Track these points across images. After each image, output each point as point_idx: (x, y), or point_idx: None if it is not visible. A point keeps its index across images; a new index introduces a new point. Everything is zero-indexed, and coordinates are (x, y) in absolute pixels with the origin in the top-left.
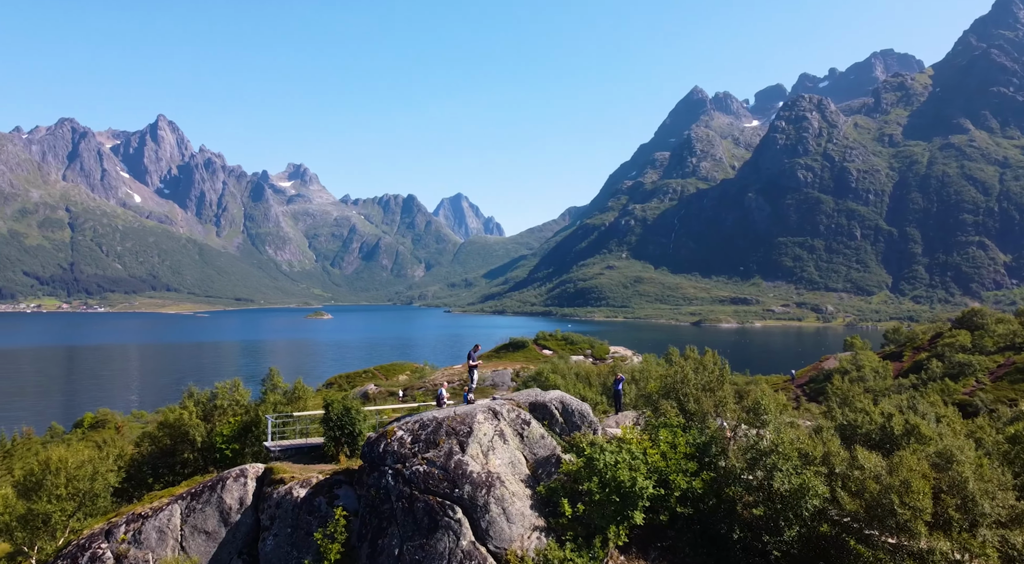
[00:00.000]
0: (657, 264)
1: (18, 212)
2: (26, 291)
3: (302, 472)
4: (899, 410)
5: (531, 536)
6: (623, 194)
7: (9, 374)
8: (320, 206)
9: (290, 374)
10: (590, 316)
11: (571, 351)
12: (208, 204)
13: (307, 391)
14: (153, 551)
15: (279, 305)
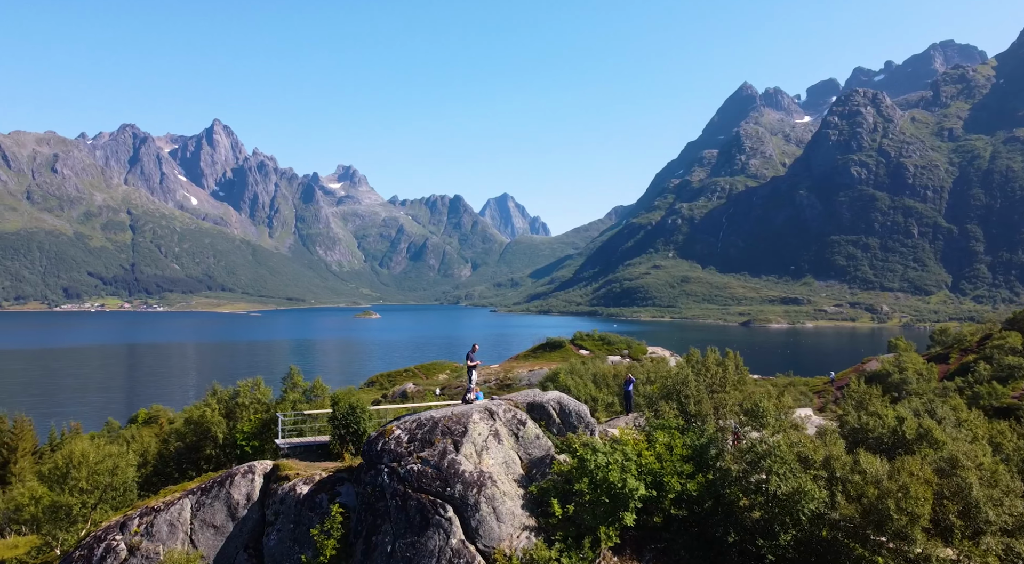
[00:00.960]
0: (705, 263)
1: (83, 215)
2: (90, 291)
3: (307, 469)
4: (916, 414)
5: (520, 535)
6: (670, 193)
7: (75, 371)
8: (369, 207)
9: (337, 372)
10: (636, 316)
11: (608, 351)
12: (261, 206)
13: (325, 390)
14: (164, 544)
15: (329, 305)
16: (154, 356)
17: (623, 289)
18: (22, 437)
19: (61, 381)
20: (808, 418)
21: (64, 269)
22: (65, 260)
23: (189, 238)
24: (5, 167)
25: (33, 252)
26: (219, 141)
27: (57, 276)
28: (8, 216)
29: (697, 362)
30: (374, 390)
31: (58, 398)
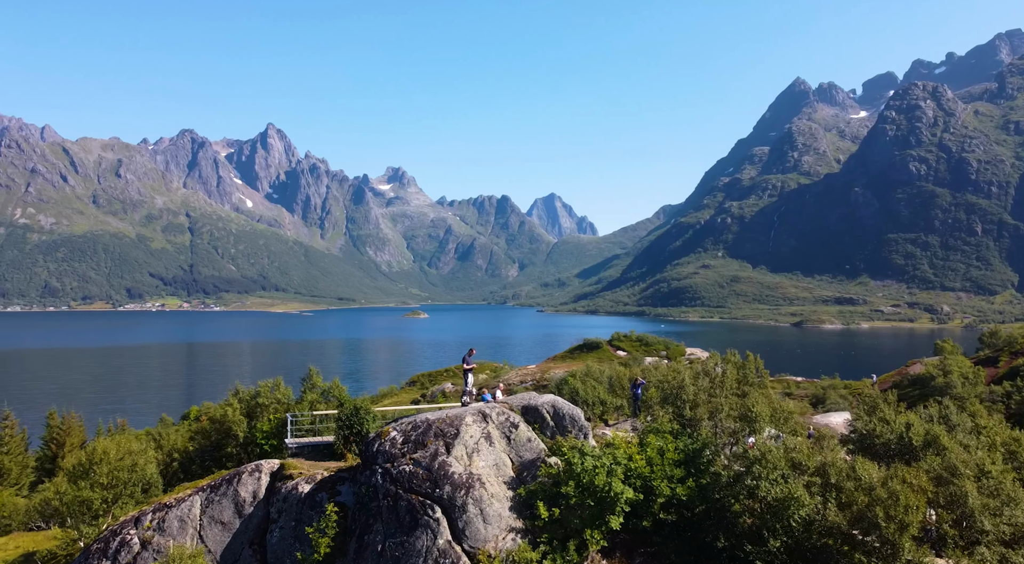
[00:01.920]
0: (755, 263)
1: (145, 218)
2: (152, 291)
3: (311, 468)
4: (930, 420)
5: (506, 537)
6: (719, 191)
7: (136, 369)
8: (417, 208)
9: (385, 371)
10: (684, 316)
11: (645, 352)
12: (313, 208)
13: (342, 390)
14: (175, 539)
15: (379, 304)
16: (211, 355)
17: (671, 289)
18: (69, 433)
19: (123, 378)
20: (845, 423)
21: (127, 270)
22: (128, 261)
23: (244, 240)
24: (73, 172)
25: (99, 254)
26: (273, 145)
27: (121, 277)
28: (76, 219)
29: (699, 365)
30: (415, 389)
31: (119, 395)
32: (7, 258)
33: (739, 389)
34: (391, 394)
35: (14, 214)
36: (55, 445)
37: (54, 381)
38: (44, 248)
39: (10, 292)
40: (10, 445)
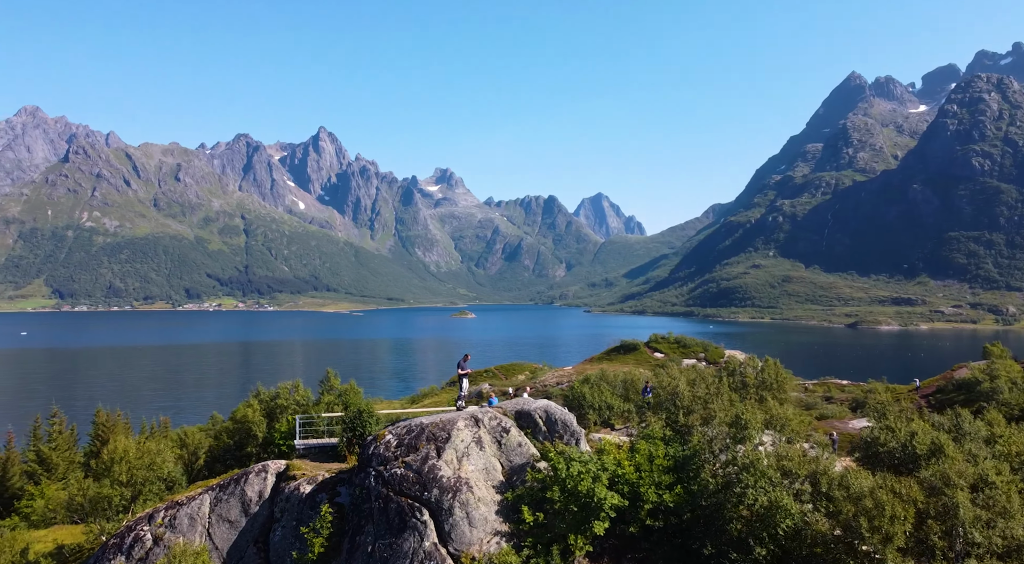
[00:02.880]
0: (808, 262)
1: (202, 220)
2: (209, 291)
3: (314, 470)
4: (940, 428)
5: (491, 540)
6: (770, 189)
7: (193, 367)
8: (465, 208)
9: (432, 371)
10: (734, 317)
11: (683, 354)
12: (363, 209)
13: (358, 392)
14: (184, 535)
15: (427, 304)
16: (265, 353)
17: (720, 289)
18: (113, 430)
19: (180, 376)
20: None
21: (186, 271)
22: (187, 263)
23: (297, 241)
24: (135, 177)
25: (159, 256)
26: (324, 148)
27: (180, 278)
28: (138, 222)
29: (695, 372)
30: (455, 389)
31: (176, 392)
32: (75, 260)
33: (756, 394)
34: (431, 394)
35: (81, 218)
36: (99, 442)
37: (116, 379)
38: (108, 250)
39: (78, 292)
40: (58, 441)
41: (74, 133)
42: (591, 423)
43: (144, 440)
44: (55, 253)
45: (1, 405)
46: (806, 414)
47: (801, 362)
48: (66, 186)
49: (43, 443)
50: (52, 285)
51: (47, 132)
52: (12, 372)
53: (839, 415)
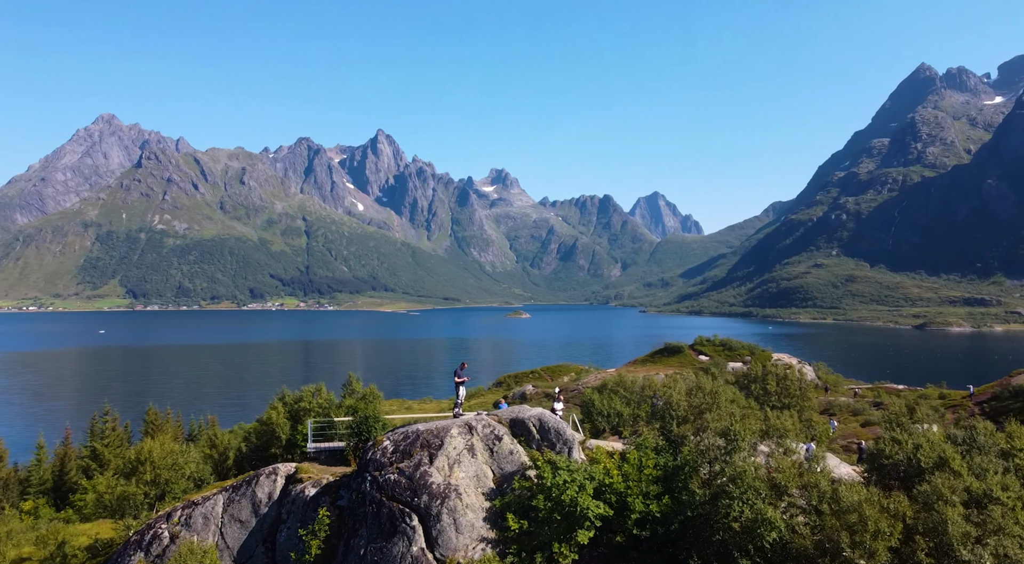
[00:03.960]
0: (873, 261)
1: (266, 222)
2: (272, 291)
3: (320, 473)
4: (951, 439)
5: (476, 547)
6: (833, 186)
7: (254, 365)
8: (520, 209)
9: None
10: (794, 317)
11: (728, 357)
12: (420, 210)
13: (378, 396)
14: (199, 534)
15: (482, 304)
16: (324, 352)
17: (780, 289)
18: (162, 428)
19: (241, 374)
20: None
21: (250, 271)
22: (251, 263)
23: (356, 242)
24: (203, 180)
25: (225, 257)
26: (382, 150)
27: (244, 278)
28: (205, 225)
29: (692, 382)
30: (500, 390)
31: (235, 390)
32: (147, 261)
33: (779, 401)
34: (478, 394)
35: (152, 220)
36: (148, 438)
37: (181, 376)
38: (178, 251)
39: (149, 292)
40: (110, 438)
41: (146, 139)
42: (602, 430)
43: (168, 441)
44: (129, 255)
45: (75, 400)
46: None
47: (862, 365)
48: (139, 190)
49: (98, 440)
50: (126, 285)
51: (122, 139)
52: (90, 369)
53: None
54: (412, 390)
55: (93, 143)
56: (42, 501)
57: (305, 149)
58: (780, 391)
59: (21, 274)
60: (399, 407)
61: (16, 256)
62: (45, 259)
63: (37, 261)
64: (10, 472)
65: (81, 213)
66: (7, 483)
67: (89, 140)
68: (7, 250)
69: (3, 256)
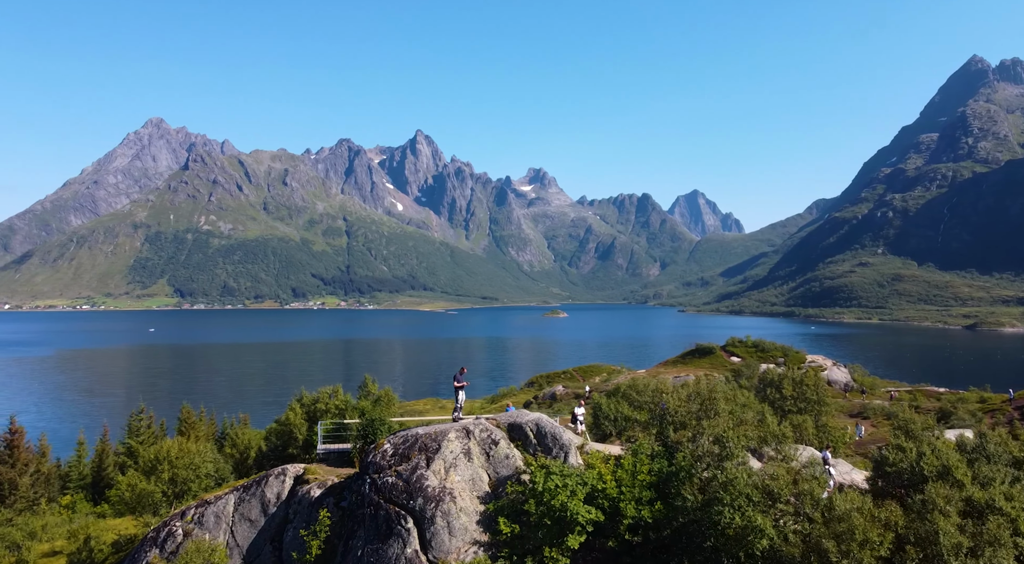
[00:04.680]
0: (921, 260)
1: (307, 222)
2: (313, 291)
3: (327, 474)
4: (961, 448)
5: (469, 550)
6: (879, 183)
7: (295, 363)
8: (558, 208)
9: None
10: (838, 317)
11: (760, 358)
12: (458, 210)
13: (393, 398)
14: (210, 532)
15: (520, 303)
16: (365, 351)
17: (823, 288)
18: (194, 426)
19: (281, 372)
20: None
21: (292, 271)
22: (293, 263)
23: (395, 241)
24: (247, 182)
25: (268, 257)
26: (421, 150)
27: (287, 277)
28: (249, 225)
29: (690, 388)
30: (532, 390)
31: (276, 388)
32: (193, 261)
33: (795, 405)
34: (511, 394)
35: (199, 221)
36: (181, 436)
37: (225, 374)
38: (223, 252)
39: (196, 291)
40: (145, 435)
41: (193, 142)
42: (609, 434)
43: (186, 442)
44: (176, 255)
45: (122, 397)
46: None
47: (907, 366)
48: (186, 192)
49: (133, 437)
50: (174, 285)
51: (170, 142)
52: (139, 366)
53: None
54: (448, 389)
55: (143, 146)
56: (80, 496)
57: (346, 150)
58: (796, 396)
59: (75, 274)
60: (432, 406)
61: (71, 257)
62: (98, 259)
63: (90, 261)
64: (52, 467)
65: (131, 215)
66: (48, 478)
67: (139, 143)
68: (62, 251)
69: (59, 257)
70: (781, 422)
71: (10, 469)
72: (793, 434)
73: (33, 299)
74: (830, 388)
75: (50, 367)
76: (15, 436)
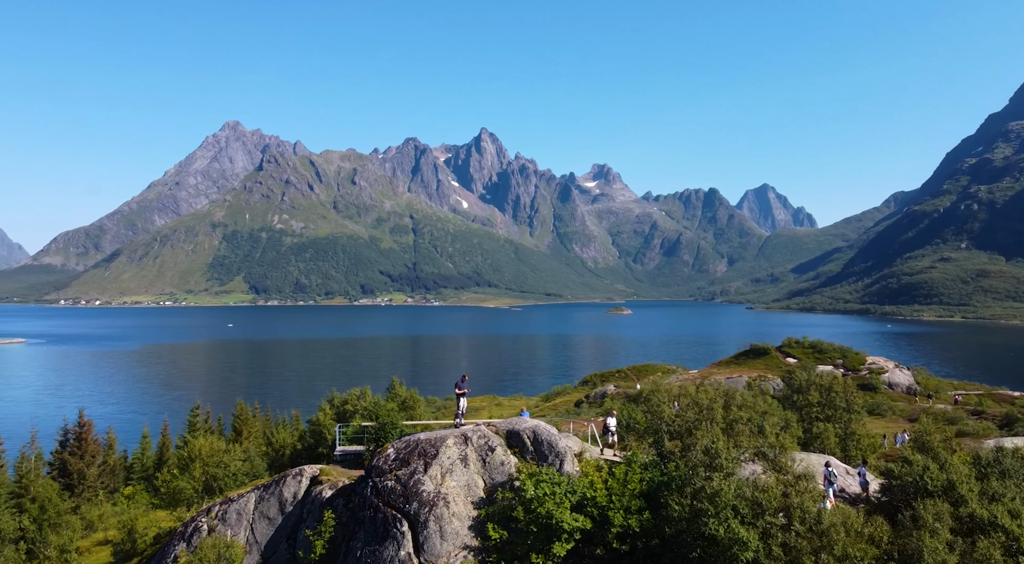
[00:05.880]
0: (1009, 255)
1: (375, 221)
2: (381, 287)
3: (340, 475)
4: (976, 463)
5: (459, 554)
6: (963, 174)
7: (364, 360)
8: (622, 204)
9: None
10: (917, 315)
11: (817, 360)
12: (522, 207)
13: (419, 401)
14: (232, 528)
15: (584, 300)
16: (431, 347)
17: (901, 285)
18: (247, 422)
19: (348, 368)
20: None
21: (361, 268)
22: (362, 261)
23: (460, 239)
24: (317, 182)
25: (338, 254)
26: (486, 148)
27: (356, 274)
28: (320, 224)
29: (689, 397)
30: (585, 388)
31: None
32: (267, 259)
33: (822, 413)
34: (564, 393)
35: (272, 220)
36: (235, 433)
37: (295, 369)
38: (295, 250)
39: (270, 288)
40: (201, 431)
41: (267, 144)
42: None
43: (217, 441)
44: (252, 253)
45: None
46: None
47: (988, 368)
48: (260, 192)
49: (190, 432)
50: (249, 282)
51: (245, 144)
52: (216, 361)
53: (981, 432)
54: (508, 386)
55: (220, 148)
56: (140, 488)
57: (412, 149)
58: (824, 402)
59: (159, 271)
60: (489, 403)
61: (155, 255)
62: (179, 258)
63: (172, 259)
64: (118, 459)
65: (210, 214)
66: (114, 469)
67: (217, 146)
68: (147, 249)
69: (144, 255)
70: (808, 430)
71: (79, 460)
72: (815, 442)
73: (121, 295)
74: (891, 392)
75: (134, 361)
76: (84, 429)
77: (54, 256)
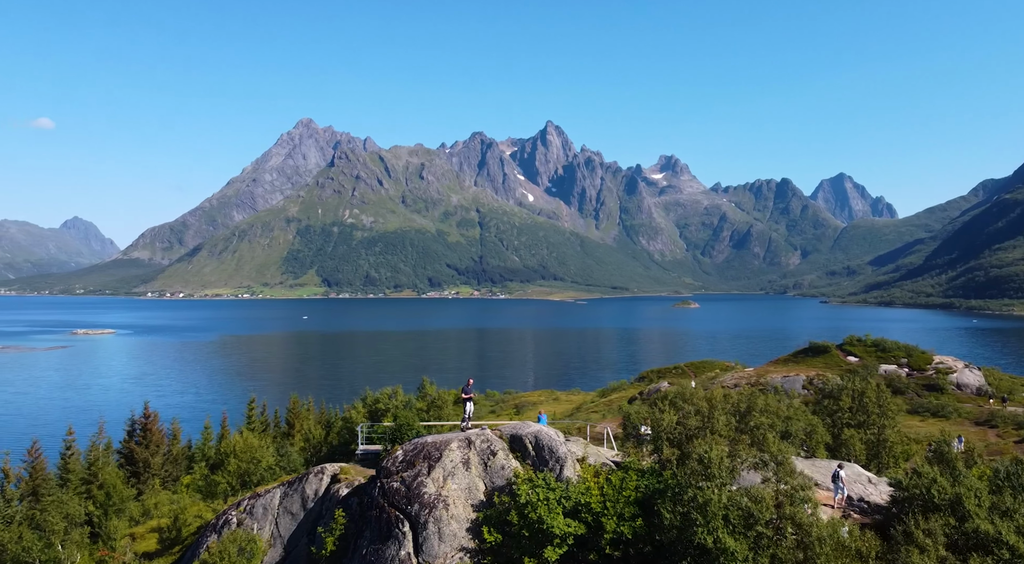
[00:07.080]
0: None
1: (442, 214)
2: (448, 280)
3: (358, 474)
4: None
5: (455, 556)
6: None
7: (431, 352)
8: (690, 196)
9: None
10: (1007, 310)
11: (880, 359)
12: (588, 200)
13: (447, 400)
14: (258, 522)
15: (651, 293)
16: (498, 340)
17: (989, 278)
18: (298, 416)
19: (414, 361)
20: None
21: (429, 262)
22: (429, 254)
23: (526, 232)
24: (387, 177)
25: (406, 248)
26: (551, 141)
27: (424, 268)
28: (389, 218)
29: (690, 403)
30: (641, 385)
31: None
32: (339, 253)
33: (853, 418)
34: (620, 388)
35: (343, 215)
36: (288, 426)
37: (363, 361)
38: (365, 244)
39: (341, 281)
40: (254, 423)
41: (339, 140)
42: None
43: (252, 437)
44: (324, 247)
45: (267, 381)
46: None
47: None
48: (332, 188)
49: (247, 425)
50: (322, 275)
51: (318, 141)
52: (290, 352)
53: None
54: (569, 380)
55: (294, 146)
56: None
57: (478, 143)
58: (855, 407)
59: (237, 265)
60: (547, 398)
61: (233, 249)
62: (256, 252)
63: (249, 253)
64: (182, 449)
65: (284, 210)
66: (177, 458)
67: (291, 143)
68: (226, 244)
69: (223, 249)
70: (836, 435)
71: (144, 450)
72: (842, 449)
73: (203, 288)
74: (959, 393)
75: (212, 352)
76: (149, 420)
77: (142, 251)
